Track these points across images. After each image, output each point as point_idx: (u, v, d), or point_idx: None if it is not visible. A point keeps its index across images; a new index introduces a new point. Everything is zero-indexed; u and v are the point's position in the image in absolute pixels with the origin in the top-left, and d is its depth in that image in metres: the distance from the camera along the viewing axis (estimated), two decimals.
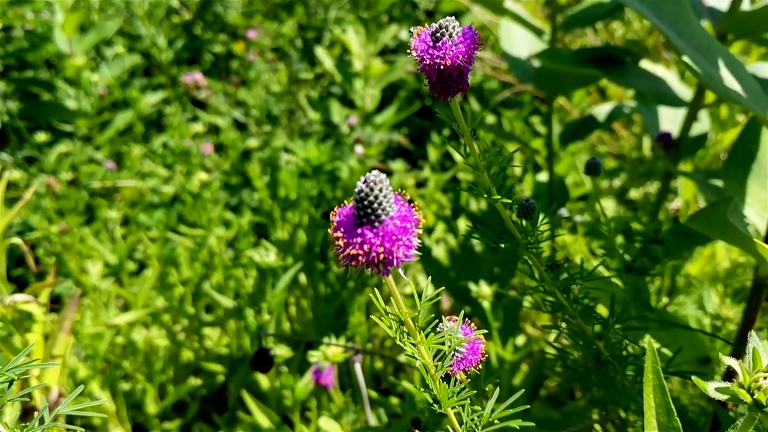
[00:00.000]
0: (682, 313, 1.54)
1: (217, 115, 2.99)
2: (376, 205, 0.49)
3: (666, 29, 1.02)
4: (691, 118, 1.57)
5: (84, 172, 2.60)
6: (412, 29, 0.60)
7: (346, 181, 2.33)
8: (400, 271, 0.53)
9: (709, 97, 1.56)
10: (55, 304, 2.21)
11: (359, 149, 2.42)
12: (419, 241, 0.52)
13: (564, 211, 1.84)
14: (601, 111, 1.95)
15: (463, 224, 2.17)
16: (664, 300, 1.77)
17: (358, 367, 1.31)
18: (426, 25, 0.60)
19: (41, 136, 2.70)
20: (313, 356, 1.30)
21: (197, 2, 3.64)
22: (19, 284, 2.39)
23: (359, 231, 0.50)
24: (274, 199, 2.24)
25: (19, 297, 1.13)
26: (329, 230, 0.52)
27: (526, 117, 2.94)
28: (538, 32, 1.82)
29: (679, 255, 1.75)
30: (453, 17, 0.57)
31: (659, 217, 1.82)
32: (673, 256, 1.68)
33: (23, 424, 0.52)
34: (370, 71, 2.66)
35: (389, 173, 2.67)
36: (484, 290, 1.52)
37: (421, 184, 2.77)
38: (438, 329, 0.62)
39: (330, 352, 1.29)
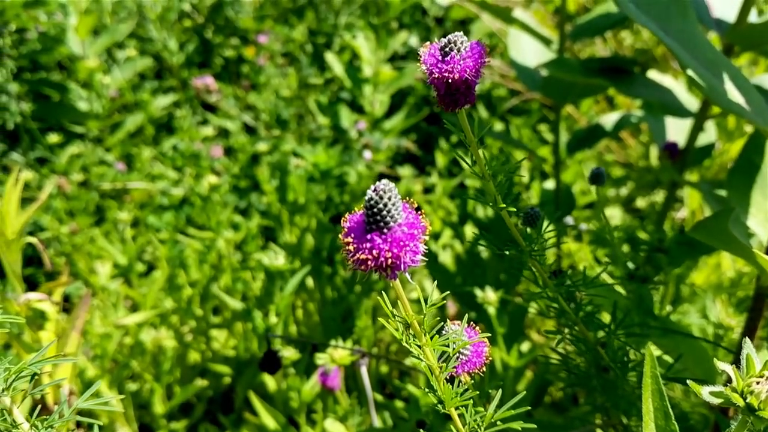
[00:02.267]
0: (686, 321, 1.56)
1: (227, 119, 3.02)
2: (385, 213, 0.51)
3: (671, 43, 1.04)
4: (697, 129, 1.58)
5: (95, 173, 2.63)
6: (421, 49, 0.61)
7: (354, 186, 2.35)
8: (407, 275, 0.55)
9: (716, 108, 1.57)
10: (64, 303, 2.24)
11: (368, 154, 2.44)
12: (426, 246, 0.54)
13: (569, 219, 1.85)
14: (609, 120, 1.96)
15: (469, 230, 2.19)
16: (668, 308, 1.78)
17: (364, 371, 1.33)
18: (435, 33, 0.62)
19: (53, 138, 2.74)
20: (320, 359, 1.31)
21: (209, 6, 3.67)
22: (30, 283, 2.41)
23: (369, 237, 0.52)
24: (282, 203, 2.26)
25: (33, 295, 1.16)
26: (340, 236, 0.54)
27: (534, 125, 2.96)
28: (547, 41, 1.84)
29: (683, 264, 1.76)
30: (461, 33, 0.59)
31: (665, 226, 1.83)
32: (678, 265, 1.69)
33: (43, 417, 0.55)
34: (379, 77, 2.68)
35: (397, 179, 2.69)
36: (489, 296, 1.54)
37: (428, 189, 2.78)
38: (443, 332, 0.64)
39: (336, 354, 1.31)
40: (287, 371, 1.66)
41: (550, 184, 2.25)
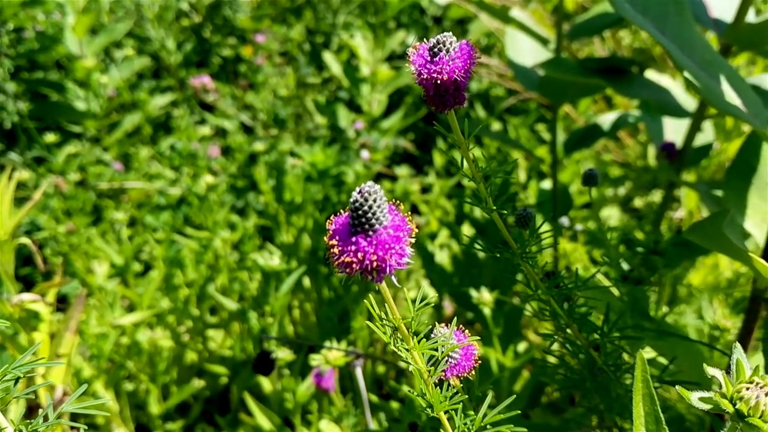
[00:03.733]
0: (682, 322, 1.55)
1: (224, 118, 3.01)
2: (370, 215, 0.51)
3: (668, 44, 1.03)
4: (695, 129, 1.58)
5: (92, 173, 2.62)
6: (410, 50, 0.61)
7: (351, 186, 2.34)
8: (393, 278, 0.54)
9: (713, 108, 1.56)
10: (61, 303, 2.23)
11: (365, 154, 2.43)
12: (412, 249, 0.53)
13: (565, 220, 1.85)
14: (606, 120, 1.95)
15: (466, 230, 2.18)
16: (664, 309, 1.77)
17: (359, 372, 1.33)
18: (433, 32, 0.61)
19: (50, 137, 2.73)
20: (315, 360, 1.31)
21: (206, 5, 3.66)
22: (26, 283, 2.41)
23: (354, 239, 0.52)
24: (279, 203, 2.25)
25: (27, 296, 1.15)
26: (325, 238, 0.53)
27: (532, 124, 2.95)
28: (544, 41, 1.84)
29: (680, 265, 1.75)
30: (451, 33, 0.59)
31: (662, 226, 1.83)
32: (674, 266, 1.69)
33: (28, 421, 0.54)
34: (377, 76, 2.67)
35: (395, 178, 2.69)
36: (485, 296, 1.53)
37: (426, 189, 2.78)
38: (433, 335, 0.63)
39: (331, 356, 1.31)
40: (282, 372, 1.66)
41: (547, 184, 2.25)
